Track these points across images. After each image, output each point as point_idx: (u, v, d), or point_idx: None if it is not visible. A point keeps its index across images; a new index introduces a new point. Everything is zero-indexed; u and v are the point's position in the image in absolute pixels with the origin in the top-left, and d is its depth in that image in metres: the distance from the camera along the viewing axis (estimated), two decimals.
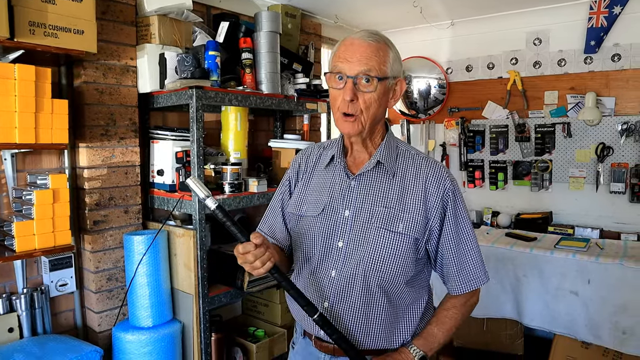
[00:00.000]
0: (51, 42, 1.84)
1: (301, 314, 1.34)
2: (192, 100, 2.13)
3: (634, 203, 3.11)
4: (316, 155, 1.47)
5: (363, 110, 1.25)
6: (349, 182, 1.34)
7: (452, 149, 3.84)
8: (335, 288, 1.31)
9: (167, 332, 2.17)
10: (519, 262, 2.87)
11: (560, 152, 3.38)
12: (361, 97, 1.24)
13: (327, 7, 3.33)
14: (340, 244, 1.31)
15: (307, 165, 1.47)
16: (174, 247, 2.28)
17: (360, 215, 1.30)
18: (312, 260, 1.36)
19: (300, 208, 1.41)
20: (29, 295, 2.03)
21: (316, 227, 1.35)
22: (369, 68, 1.22)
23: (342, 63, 1.24)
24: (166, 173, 2.33)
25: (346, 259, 1.30)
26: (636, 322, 2.50)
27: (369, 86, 1.23)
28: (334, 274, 1.31)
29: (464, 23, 3.71)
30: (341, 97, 1.25)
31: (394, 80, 1.29)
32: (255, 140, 3.05)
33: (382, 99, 1.27)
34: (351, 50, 1.24)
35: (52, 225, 1.90)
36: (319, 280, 1.34)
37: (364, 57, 1.22)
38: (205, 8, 2.75)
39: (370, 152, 1.35)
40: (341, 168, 1.36)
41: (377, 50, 1.23)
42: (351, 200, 1.32)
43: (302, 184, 1.45)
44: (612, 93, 3.17)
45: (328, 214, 1.34)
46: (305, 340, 1.43)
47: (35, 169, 2.12)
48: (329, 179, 1.39)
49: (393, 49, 1.28)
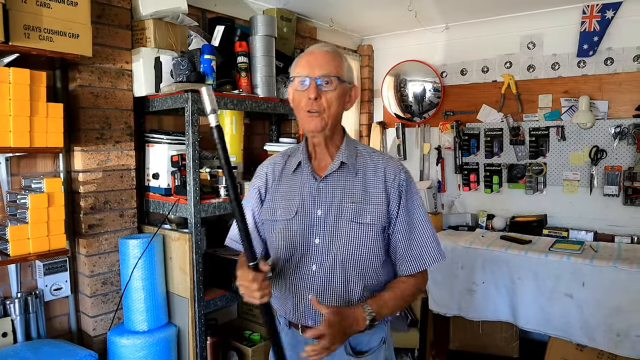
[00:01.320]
0: (46, 46, 1.84)
1: (286, 308, 1.50)
2: (188, 104, 2.14)
3: (627, 206, 3.13)
4: (281, 164, 1.59)
5: (326, 108, 1.40)
6: (317, 184, 1.47)
7: (447, 152, 3.85)
8: (317, 281, 1.44)
9: (163, 336, 2.17)
10: (514, 265, 2.88)
11: (554, 155, 3.40)
12: (323, 96, 1.40)
13: (323, 11, 3.34)
14: (317, 240, 1.45)
15: (274, 174, 1.58)
16: (169, 251, 2.28)
17: (331, 213, 1.44)
18: (293, 259, 1.47)
19: (274, 214, 1.52)
20: (23, 299, 2.02)
21: (293, 228, 1.47)
22: (328, 71, 1.40)
23: (305, 69, 1.41)
24: (161, 177, 2.33)
25: (324, 253, 1.44)
26: (630, 325, 2.52)
27: (329, 86, 1.40)
28: (315, 268, 1.45)
29: (459, 27, 3.73)
30: (306, 97, 1.40)
31: (349, 85, 1.46)
32: (250, 143, 3.05)
33: (341, 100, 1.44)
34: (312, 58, 1.42)
35: (47, 229, 1.89)
36: (301, 276, 1.47)
37: (324, 62, 1.40)
38: (201, 12, 2.76)
39: (332, 154, 1.50)
40: (308, 172, 1.49)
41: (333, 58, 1.42)
42: (321, 200, 1.46)
43: (272, 192, 1.56)
44: (605, 96, 3.20)
45: (302, 215, 1.47)
46: (292, 330, 1.54)
47: (30, 172, 2.11)
48: (297, 183, 1.51)
49: (345, 59, 1.48)
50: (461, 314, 3.07)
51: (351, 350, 1.48)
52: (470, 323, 3.21)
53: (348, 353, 1.48)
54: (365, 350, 1.50)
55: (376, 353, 1.51)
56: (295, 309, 1.48)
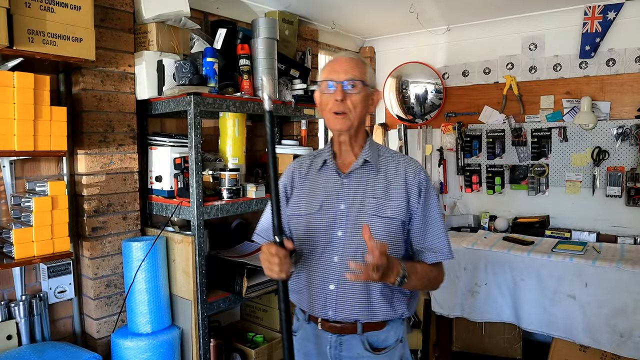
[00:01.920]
0: (50, 50, 1.85)
1: (306, 302, 1.58)
2: (190, 107, 2.14)
3: (630, 206, 3.13)
4: (307, 163, 1.69)
5: (352, 109, 1.51)
6: (341, 180, 1.57)
7: (449, 153, 3.86)
8: (339, 272, 1.51)
9: (166, 338, 2.17)
10: (516, 266, 2.88)
11: (556, 156, 3.40)
12: (349, 98, 1.51)
13: (324, 14, 3.35)
14: (340, 233, 1.53)
15: (301, 172, 1.68)
16: (172, 253, 2.28)
17: (353, 207, 1.53)
18: (316, 251, 1.56)
19: (300, 208, 1.61)
20: (28, 302, 2.03)
21: (317, 221, 1.56)
22: (353, 75, 1.51)
23: (332, 74, 1.53)
24: (164, 179, 2.34)
25: (346, 245, 1.52)
26: (633, 325, 2.51)
27: (354, 89, 1.51)
28: (337, 260, 1.52)
29: (460, 28, 3.73)
30: (332, 99, 1.51)
31: (372, 89, 1.57)
32: (253, 146, 3.06)
33: (365, 102, 1.54)
34: (338, 64, 1.54)
35: (51, 232, 1.90)
36: (324, 267, 1.54)
37: (349, 68, 1.52)
38: (203, 15, 2.77)
39: (355, 153, 1.60)
40: (333, 169, 1.60)
41: (357, 64, 1.54)
42: (344, 195, 1.55)
43: (298, 189, 1.66)
44: (607, 97, 3.20)
45: (326, 209, 1.56)
46: (311, 324, 1.61)
47: (34, 176, 2.12)
48: (322, 180, 1.61)
49: (369, 66, 1.59)
50: (464, 315, 3.07)
51: (369, 347, 1.54)
52: (473, 324, 3.21)
53: (366, 349, 1.53)
54: (383, 347, 1.55)
55: (393, 351, 1.56)
56: (316, 300, 1.55)
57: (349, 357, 1.54)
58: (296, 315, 1.69)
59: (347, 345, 1.54)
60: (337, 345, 1.55)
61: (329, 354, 1.57)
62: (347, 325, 1.53)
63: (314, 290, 1.56)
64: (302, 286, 1.60)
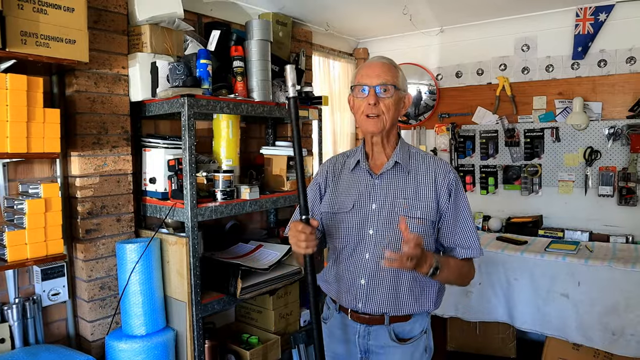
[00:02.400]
0: (43, 52, 1.84)
1: (338, 293, 1.68)
2: (184, 109, 2.15)
3: (622, 206, 3.16)
4: (341, 162, 1.78)
5: (384, 112, 1.58)
6: (373, 180, 1.65)
7: (443, 154, 3.87)
8: (369, 268, 1.60)
9: (161, 340, 2.17)
10: (510, 265, 2.90)
11: (549, 157, 3.43)
12: (382, 102, 1.57)
13: (318, 15, 3.36)
14: (371, 231, 1.61)
15: (335, 171, 1.77)
16: (166, 255, 2.28)
17: (385, 207, 1.60)
18: (348, 247, 1.64)
19: (333, 206, 1.69)
20: (21, 305, 2.02)
21: (350, 219, 1.64)
22: (385, 80, 1.57)
23: (365, 79, 1.59)
24: (158, 181, 2.34)
25: (377, 243, 1.60)
26: (625, 323, 2.54)
27: (387, 93, 1.57)
28: (368, 257, 1.61)
29: (453, 30, 3.75)
30: (365, 102, 1.58)
31: (404, 93, 1.64)
32: (247, 147, 3.06)
33: (397, 106, 1.61)
34: (371, 69, 1.59)
35: (44, 235, 1.89)
36: (355, 263, 1.63)
37: (382, 73, 1.58)
38: (197, 17, 2.77)
39: (387, 154, 1.66)
40: (366, 170, 1.67)
41: (390, 68, 1.60)
42: (376, 195, 1.63)
43: (332, 187, 1.74)
44: (599, 98, 3.23)
45: (358, 208, 1.63)
46: (341, 314, 1.70)
47: (27, 178, 2.12)
48: (355, 180, 1.69)
49: (401, 70, 1.64)
50: (458, 315, 3.08)
51: (395, 337, 1.63)
52: (467, 324, 3.23)
53: (392, 339, 1.62)
54: (408, 338, 1.64)
55: (418, 341, 1.66)
56: (347, 293, 1.64)
57: (376, 346, 1.64)
58: (327, 304, 1.79)
59: (374, 335, 1.64)
60: (365, 335, 1.65)
61: (357, 342, 1.67)
62: (375, 317, 1.62)
63: (345, 283, 1.66)
64: (333, 279, 1.71)
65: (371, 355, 1.66)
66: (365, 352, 1.66)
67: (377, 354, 1.65)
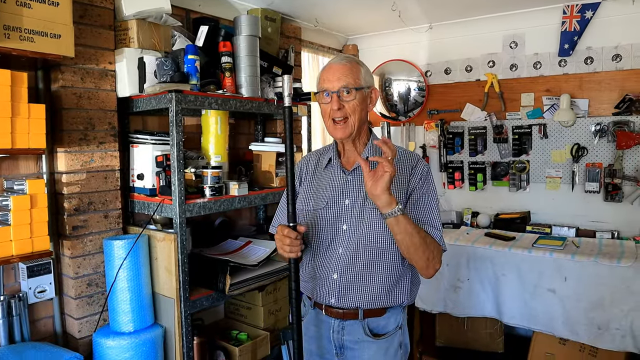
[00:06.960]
0: (27, 47, 1.82)
1: (313, 290, 1.71)
2: (172, 104, 2.13)
3: (608, 202, 3.19)
4: (314, 160, 1.81)
5: (350, 115, 1.58)
6: (346, 177, 1.68)
7: (432, 150, 3.89)
8: (342, 262, 1.63)
9: (149, 336, 2.16)
10: (498, 261, 2.92)
11: (537, 153, 3.46)
12: (346, 105, 1.57)
13: (307, 11, 3.35)
14: (345, 226, 1.64)
15: (308, 169, 1.81)
16: (154, 251, 2.27)
17: (357, 202, 1.63)
18: (323, 243, 1.68)
19: (308, 203, 1.73)
20: (6, 302, 2.00)
21: (324, 216, 1.67)
22: (347, 83, 1.56)
23: (326, 83, 1.59)
24: (146, 177, 2.32)
25: (350, 237, 1.63)
26: (610, 318, 2.57)
27: (349, 96, 1.57)
28: (341, 251, 1.64)
29: (442, 26, 3.76)
30: (329, 108, 1.58)
31: (368, 89, 1.63)
32: (236, 143, 3.05)
33: (363, 105, 1.61)
34: (331, 72, 1.59)
35: (30, 231, 1.87)
36: (329, 258, 1.66)
37: (342, 75, 1.57)
38: (185, 12, 2.75)
39: (359, 151, 1.69)
40: (338, 167, 1.70)
41: (350, 69, 1.58)
42: (349, 191, 1.66)
43: (306, 185, 1.78)
44: (586, 95, 3.26)
45: (332, 205, 1.67)
46: (316, 310, 1.73)
47: (12, 174, 2.09)
48: (328, 177, 1.72)
49: (363, 66, 1.64)
50: (447, 310, 3.10)
51: (370, 332, 1.64)
52: (455, 320, 3.25)
53: (367, 334, 1.64)
54: (383, 333, 1.66)
55: (392, 337, 1.67)
56: (321, 288, 1.67)
57: (350, 341, 1.66)
58: (303, 302, 1.81)
59: (348, 330, 1.65)
60: (340, 330, 1.67)
61: (331, 338, 1.69)
62: (349, 311, 1.64)
63: (319, 279, 1.69)
64: (308, 276, 1.73)
65: (346, 351, 1.67)
66: (340, 347, 1.68)
67: (351, 349, 1.66)
